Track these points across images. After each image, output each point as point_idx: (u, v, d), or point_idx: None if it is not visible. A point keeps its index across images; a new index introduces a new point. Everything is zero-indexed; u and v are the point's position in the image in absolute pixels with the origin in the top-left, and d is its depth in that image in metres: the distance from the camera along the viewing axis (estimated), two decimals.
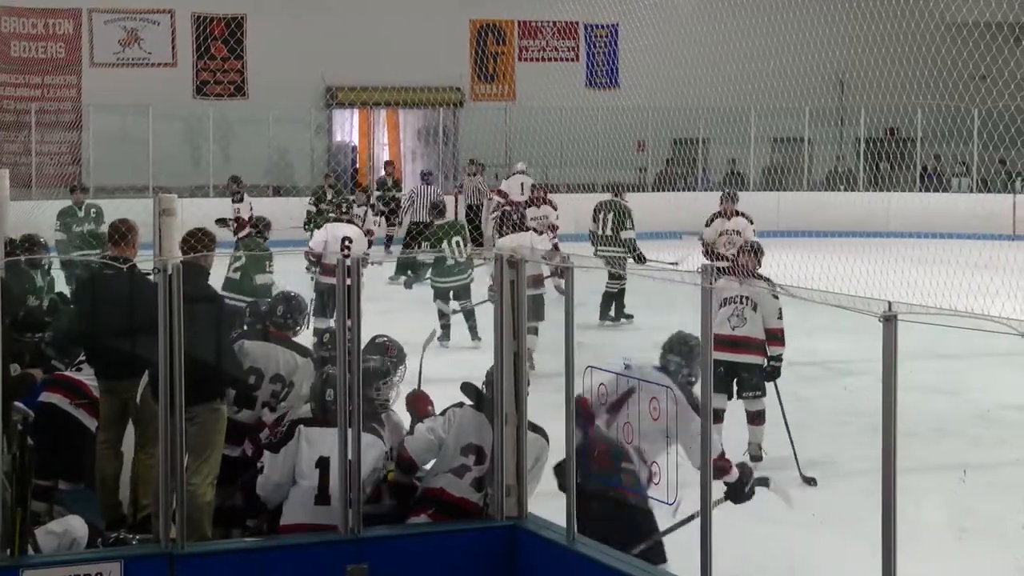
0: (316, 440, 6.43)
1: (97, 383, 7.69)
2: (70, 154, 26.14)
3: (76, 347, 8.26)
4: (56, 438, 7.71)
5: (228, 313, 7.97)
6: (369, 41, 26.94)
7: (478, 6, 28.75)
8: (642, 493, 6.10)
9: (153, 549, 6.10)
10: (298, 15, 26.92)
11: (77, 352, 8.21)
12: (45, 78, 26.84)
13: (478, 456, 6.45)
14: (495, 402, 6.34)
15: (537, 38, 29.83)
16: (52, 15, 26.84)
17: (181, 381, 5.99)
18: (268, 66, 26.95)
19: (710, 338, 5.53)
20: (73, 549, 6.08)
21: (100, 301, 7.58)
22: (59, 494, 7.61)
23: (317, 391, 6.74)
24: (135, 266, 7.30)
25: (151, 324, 6.03)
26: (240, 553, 6.27)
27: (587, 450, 6.21)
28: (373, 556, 6.05)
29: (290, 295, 8.26)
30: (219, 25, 27.59)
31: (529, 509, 6.40)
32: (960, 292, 12.55)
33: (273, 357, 7.75)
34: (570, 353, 6.04)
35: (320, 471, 6.37)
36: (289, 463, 6.45)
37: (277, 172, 26.70)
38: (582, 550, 6.02)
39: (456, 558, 6.32)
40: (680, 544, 5.75)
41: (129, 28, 27.32)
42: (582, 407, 6.16)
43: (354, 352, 6.21)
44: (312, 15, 26.98)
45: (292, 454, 6.45)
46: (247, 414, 7.60)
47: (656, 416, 5.90)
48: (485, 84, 29.41)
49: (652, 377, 6.21)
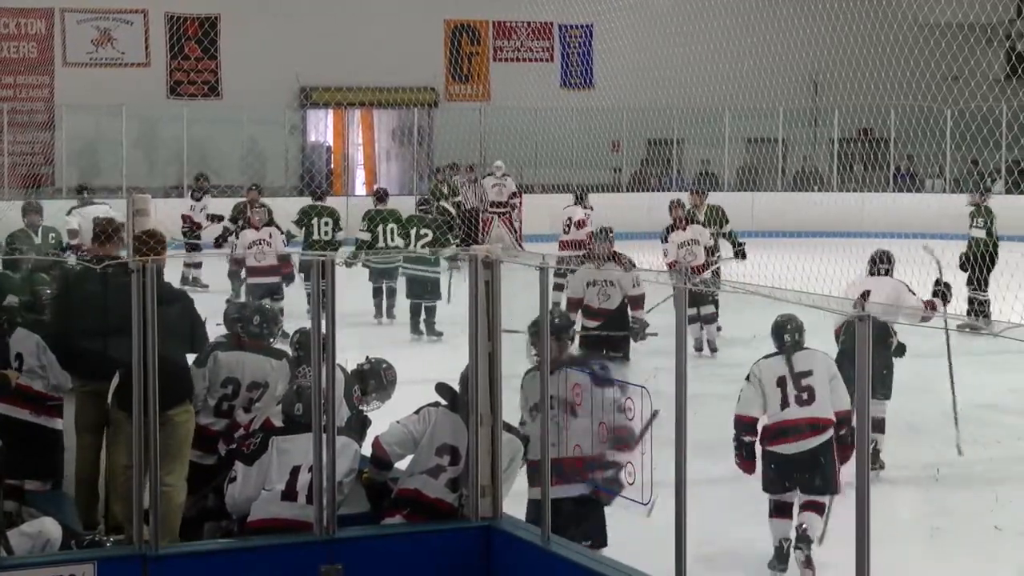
0: (288, 450, 6.44)
1: (74, 385, 7.64)
2: (43, 154, 26.02)
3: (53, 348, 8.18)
4: (20, 444, 7.62)
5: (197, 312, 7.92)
6: (343, 41, 26.91)
7: (452, 6, 28.72)
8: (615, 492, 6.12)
9: (127, 550, 6.08)
10: (272, 15, 26.84)
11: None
12: (17, 78, 26.70)
13: (453, 457, 6.46)
14: (470, 403, 6.34)
15: (511, 38, 29.83)
16: (24, 15, 26.71)
17: (155, 383, 5.97)
18: (242, 66, 26.88)
19: (684, 338, 5.55)
20: (47, 551, 6.05)
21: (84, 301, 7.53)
22: (29, 496, 7.56)
23: (288, 403, 6.70)
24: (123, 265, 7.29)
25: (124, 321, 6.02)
26: (214, 554, 6.26)
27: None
28: (347, 557, 6.04)
29: (263, 306, 8.27)
30: (193, 25, 27.51)
31: (504, 510, 6.40)
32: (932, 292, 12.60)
33: (248, 365, 7.75)
34: (545, 354, 6.05)
35: (290, 477, 6.38)
36: (262, 476, 6.46)
37: (251, 173, 26.61)
38: (557, 550, 6.03)
39: (431, 558, 6.32)
40: (655, 542, 5.75)
41: (102, 28, 27.21)
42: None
43: (328, 353, 6.22)
44: (286, 15, 26.90)
45: (265, 468, 6.45)
46: (223, 423, 7.60)
47: (631, 416, 5.92)
48: (460, 84, 29.40)
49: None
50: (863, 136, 28.68)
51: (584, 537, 6.36)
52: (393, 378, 7.44)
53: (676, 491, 5.40)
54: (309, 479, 6.27)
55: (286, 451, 6.43)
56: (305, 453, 6.30)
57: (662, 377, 6.85)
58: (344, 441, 6.42)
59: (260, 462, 6.47)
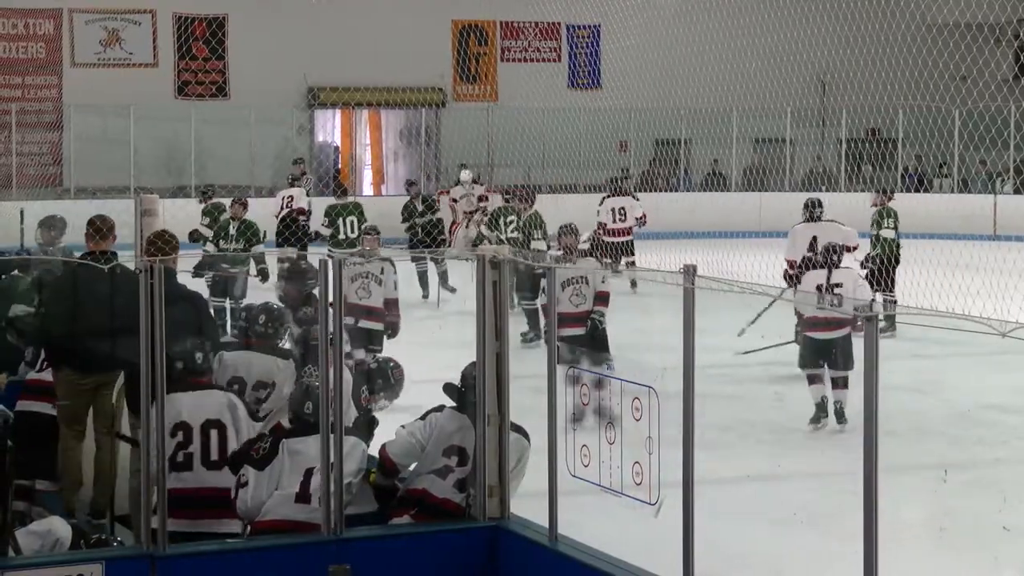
0: (300, 451, 6.41)
1: (62, 376, 7.67)
2: (51, 154, 26.07)
3: (41, 343, 8.21)
4: (39, 442, 7.70)
5: (209, 313, 7.97)
6: (351, 41, 26.91)
7: (460, 7, 28.73)
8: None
9: (135, 550, 6.09)
10: (280, 16, 26.85)
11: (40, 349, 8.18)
12: (26, 78, 26.74)
13: (460, 457, 6.46)
14: (477, 403, 6.35)
15: (519, 39, 29.83)
16: (33, 15, 26.75)
17: (163, 382, 5.99)
18: (249, 66, 26.90)
19: (692, 337, 5.54)
20: (56, 550, 6.07)
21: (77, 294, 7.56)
22: (39, 495, 7.60)
23: (297, 402, 6.67)
24: (117, 261, 7.32)
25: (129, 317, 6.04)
26: (222, 554, 6.26)
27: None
28: (355, 557, 6.05)
29: (271, 306, 8.27)
30: (200, 25, 27.53)
31: (511, 510, 6.41)
32: (940, 292, 12.61)
33: (255, 364, 7.75)
34: (552, 354, 6.05)
35: (303, 478, 6.37)
36: (274, 480, 6.42)
37: (258, 173, 26.64)
38: (564, 551, 6.03)
39: (438, 559, 6.32)
40: (662, 542, 5.75)
41: (110, 28, 27.24)
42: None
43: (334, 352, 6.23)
44: (294, 15, 26.91)
45: (277, 472, 6.43)
46: None
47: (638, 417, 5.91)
48: (467, 85, 29.40)
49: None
50: (871, 136, 28.64)
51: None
52: (400, 377, 7.46)
53: (684, 491, 5.40)
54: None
55: (298, 452, 6.40)
56: (317, 454, 6.29)
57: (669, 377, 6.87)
58: (352, 441, 6.43)
59: (272, 466, 6.42)
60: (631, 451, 5.95)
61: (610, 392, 5.95)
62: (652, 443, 5.85)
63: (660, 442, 5.82)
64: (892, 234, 15.35)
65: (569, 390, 6.19)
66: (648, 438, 5.87)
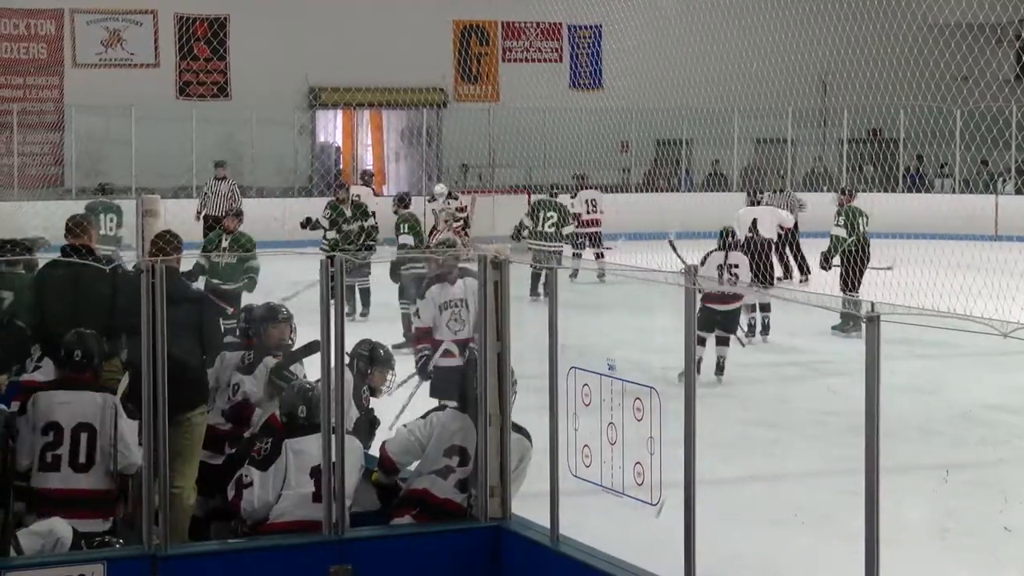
0: (304, 451, 6.40)
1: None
2: (52, 154, 26.07)
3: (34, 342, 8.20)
4: None
5: (215, 313, 7.97)
6: (352, 42, 26.91)
7: (461, 7, 28.73)
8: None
9: (136, 551, 6.09)
10: (281, 16, 26.86)
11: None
12: (27, 79, 26.74)
13: (462, 457, 6.46)
14: (479, 403, 6.34)
15: (520, 39, 29.83)
16: (34, 16, 26.76)
17: (164, 384, 5.98)
18: (251, 67, 26.90)
19: (693, 338, 5.54)
20: (57, 550, 6.06)
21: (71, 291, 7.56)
22: None
23: (290, 404, 6.64)
24: (95, 256, 7.35)
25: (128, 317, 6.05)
26: (223, 554, 6.26)
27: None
28: (357, 557, 6.05)
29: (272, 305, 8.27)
30: (202, 26, 27.53)
31: (513, 510, 6.40)
32: (942, 292, 12.61)
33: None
34: (554, 354, 6.05)
35: (313, 478, 6.35)
36: (279, 480, 6.41)
37: (260, 173, 26.64)
38: (566, 551, 6.03)
39: (440, 559, 6.32)
40: (663, 543, 5.75)
41: (112, 29, 27.25)
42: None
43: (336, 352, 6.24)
44: (295, 16, 26.93)
45: (281, 471, 6.42)
46: (231, 424, 7.61)
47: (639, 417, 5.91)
48: (469, 85, 29.40)
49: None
50: (872, 136, 28.64)
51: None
52: (389, 353, 7.57)
53: (685, 492, 5.40)
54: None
55: (302, 451, 6.39)
56: (320, 452, 6.29)
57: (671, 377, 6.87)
58: (351, 440, 6.45)
59: (276, 466, 6.42)
60: (632, 451, 5.96)
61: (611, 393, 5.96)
62: (654, 443, 5.85)
63: (662, 442, 5.83)
64: (843, 232, 15.47)
65: (571, 390, 6.19)
66: (650, 438, 5.87)
